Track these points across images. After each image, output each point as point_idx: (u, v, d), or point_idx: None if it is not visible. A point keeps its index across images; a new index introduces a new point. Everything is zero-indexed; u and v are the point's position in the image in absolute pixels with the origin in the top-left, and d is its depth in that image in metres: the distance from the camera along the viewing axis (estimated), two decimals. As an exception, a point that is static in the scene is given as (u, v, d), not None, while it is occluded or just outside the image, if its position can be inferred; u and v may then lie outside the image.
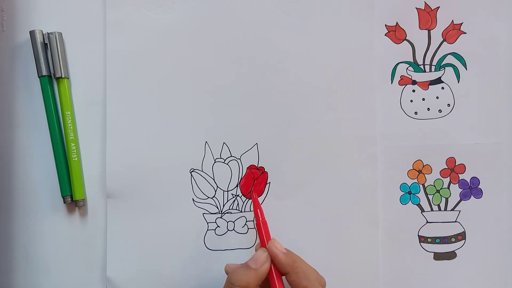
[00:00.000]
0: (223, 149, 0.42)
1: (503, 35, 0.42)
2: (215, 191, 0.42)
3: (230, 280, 0.34)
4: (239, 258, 0.41)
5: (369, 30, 0.42)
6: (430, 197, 0.42)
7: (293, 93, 0.42)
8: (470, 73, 0.42)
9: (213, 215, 0.42)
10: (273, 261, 0.35)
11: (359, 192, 0.42)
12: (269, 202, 0.42)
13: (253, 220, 0.41)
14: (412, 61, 0.43)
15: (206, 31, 0.42)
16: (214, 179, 0.42)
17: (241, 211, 0.42)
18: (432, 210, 0.42)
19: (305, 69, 0.42)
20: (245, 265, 0.35)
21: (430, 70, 0.43)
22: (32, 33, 0.41)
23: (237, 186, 0.42)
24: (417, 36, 0.43)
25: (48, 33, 0.41)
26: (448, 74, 0.43)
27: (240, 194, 0.42)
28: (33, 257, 0.42)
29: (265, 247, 0.36)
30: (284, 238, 0.40)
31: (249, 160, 0.42)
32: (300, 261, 0.35)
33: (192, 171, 0.42)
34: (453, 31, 0.42)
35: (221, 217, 0.42)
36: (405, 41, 0.43)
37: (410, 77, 0.43)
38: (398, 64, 0.43)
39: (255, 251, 0.37)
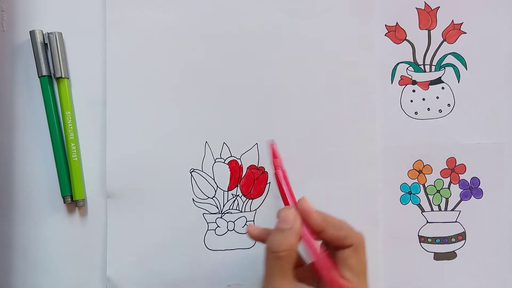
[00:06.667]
0: (223, 149, 0.42)
1: (503, 35, 0.42)
2: (215, 191, 0.42)
3: (271, 249, 0.30)
4: (239, 258, 0.41)
5: (369, 30, 0.42)
6: (431, 197, 0.42)
7: (293, 93, 0.42)
8: (470, 73, 0.42)
9: (213, 215, 0.42)
10: (306, 219, 0.32)
11: (359, 192, 0.42)
12: (269, 202, 0.42)
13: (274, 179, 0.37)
14: (412, 61, 0.43)
15: (206, 30, 0.42)
16: (214, 179, 0.42)
17: (241, 211, 0.42)
18: (432, 210, 0.42)
19: (306, 69, 0.42)
20: (278, 229, 0.31)
21: (430, 70, 0.43)
22: (32, 33, 0.41)
23: (237, 186, 0.42)
24: (417, 36, 0.42)
25: (48, 33, 0.41)
26: (448, 74, 0.43)
27: (240, 194, 0.42)
28: (33, 257, 0.42)
29: (288, 205, 0.33)
30: (284, 238, 0.40)
31: (249, 160, 0.42)
32: (330, 215, 0.33)
33: (192, 171, 0.42)
34: (453, 31, 0.42)
35: (221, 217, 0.42)
36: (405, 41, 0.43)
37: (410, 77, 0.43)
38: (398, 64, 0.43)
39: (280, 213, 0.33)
